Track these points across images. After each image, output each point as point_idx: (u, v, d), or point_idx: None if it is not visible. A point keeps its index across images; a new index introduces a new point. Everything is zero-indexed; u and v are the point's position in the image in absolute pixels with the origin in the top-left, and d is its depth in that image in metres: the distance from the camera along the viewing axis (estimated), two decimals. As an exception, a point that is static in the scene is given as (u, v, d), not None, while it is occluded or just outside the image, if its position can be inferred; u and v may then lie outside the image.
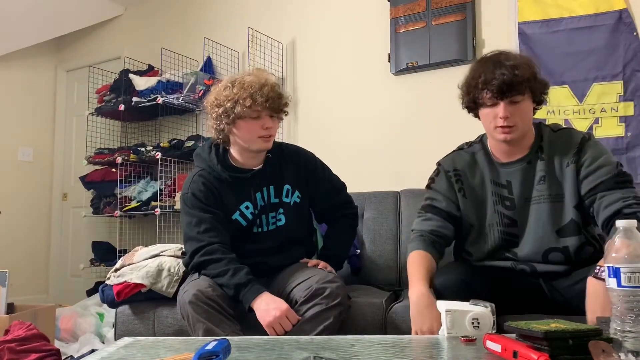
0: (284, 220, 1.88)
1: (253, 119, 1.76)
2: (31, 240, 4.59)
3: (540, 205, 1.56)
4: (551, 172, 1.57)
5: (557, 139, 1.59)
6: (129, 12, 4.62)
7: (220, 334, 1.58)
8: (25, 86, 4.65)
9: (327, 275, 1.72)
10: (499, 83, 1.48)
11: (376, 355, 1.02)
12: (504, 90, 1.49)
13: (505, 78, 1.48)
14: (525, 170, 1.59)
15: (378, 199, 2.49)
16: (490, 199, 1.62)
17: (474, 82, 1.55)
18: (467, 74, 1.61)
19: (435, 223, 1.65)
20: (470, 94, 1.57)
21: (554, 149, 1.58)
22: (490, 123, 1.55)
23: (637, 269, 0.94)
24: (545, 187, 1.56)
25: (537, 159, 1.59)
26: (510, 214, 1.60)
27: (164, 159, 3.61)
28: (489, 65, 1.52)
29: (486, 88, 1.51)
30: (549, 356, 0.87)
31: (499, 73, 1.49)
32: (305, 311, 1.64)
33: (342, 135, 3.38)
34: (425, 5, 3.13)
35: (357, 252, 2.36)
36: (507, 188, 1.61)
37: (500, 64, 1.51)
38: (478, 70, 1.55)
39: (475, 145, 1.71)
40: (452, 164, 1.69)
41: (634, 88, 2.65)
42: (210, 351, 0.94)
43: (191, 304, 1.61)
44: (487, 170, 1.64)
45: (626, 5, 2.69)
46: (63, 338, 2.99)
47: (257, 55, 3.58)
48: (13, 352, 1.89)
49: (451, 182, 1.67)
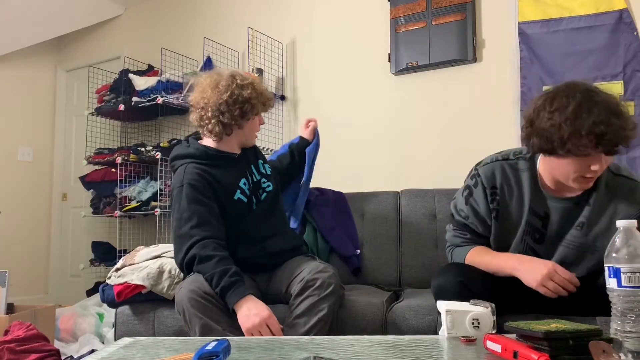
0: (271, 186, 1.97)
1: (256, 117, 1.94)
2: (31, 240, 4.59)
3: (568, 250, 1.47)
4: (595, 219, 1.43)
5: (618, 186, 1.44)
6: (129, 12, 4.62)
7: (217, 329, 1.58)
8: (25, 86, 4.65)
9: (317, 266, 1.73)
10: (614, 139, 1.26)
11: (376, 355, 1.02)
12: (617, 145, 1.28)
13: (623, 134, 1.27)
14: (569, 210, 1.46)
15: (378, 199, 2.49)
16: (521, 227, 1.51)
17: (577, 129, 1.27)
18: (560, 110, 1.31)
19: (473, 243, 1.60)
20: (569, 139, 1.28)
21: (610, 197, 1.43)
22: (574, 172, 1.34)
23: (637, 269, 0.94)
24: (580, 235, 1.45)
25: (586, 202, 1.44)
26: (536, 248, 1.51)
27: (164, 159, 3.60)
28: (601, 112, 1.26)
29: (598, 143, 1.26)
30: (549, 356, 0.87)
31: (617, 126, 1.26)
32: (299, 304, 1.65)
33: (342, 135, 3.38)
34: (425, 5, 3.13)
35: (357, 252, 2.36)
36: (543, 220, 1.49)
37: (612, 112, 1.28)
38: (582, 115, 1.27)
39: (522, 162, 1.51)
40: (492, 178, 1.53)
41: (634, 88, 2.65)
42: (210, 351, 0.94)
43: (188, 299, 1.61)
44: (528, 196, 1.49)
45: (626, 5, 2.68)
46: (63, 338, 2.99)
47: (257, 55, 3.58)
48: (13, 353, 1.89)
49: (487, 201, 1.54)
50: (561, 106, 1.31)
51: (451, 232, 1.66)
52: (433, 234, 2.35)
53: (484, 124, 2.97)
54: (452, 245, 1.65)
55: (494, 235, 1.56)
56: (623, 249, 0.97)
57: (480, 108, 3.00)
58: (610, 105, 1.29)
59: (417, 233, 2.37)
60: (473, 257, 1.56)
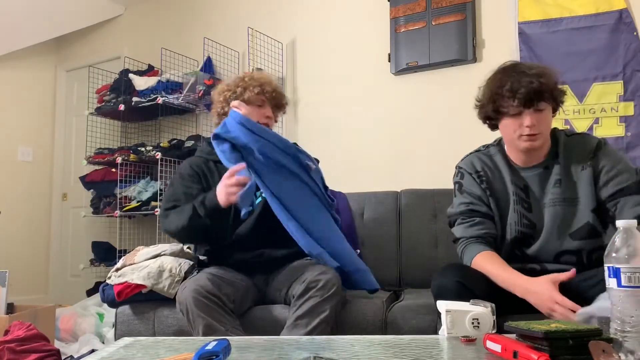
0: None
1: (258, 107, 1.94)
2: (31, 240, 4.59)
3: (555, 208, 1.58)
4: (566, 175, 1.59)
5: (572, 143, 1.61)
6: (129, 12, 4.61)
7: (220, 329, 1.58)
8: (25, 86, 4.65)
9: (320, 268, 1.73)
10: (526, 91, 1.48)
11: (376, 355, 1.02)
12: (532, 99, 1.49)
13: (534, 86, 1.48)
14: (542, 175, 1.61)
15: (378, 199, 2.49)
16: (512, 199, 1.63)
17: (498, 90, 1.53)
18: (489, 83, 1.59)
19: (484, 226, 1.63)
20: (496, 102, 1.55)
21: (569, 154, 1.60)
22: (514, 132, 1.55)
23: (637, 269, 0.94)
24: (560, 191, 1.58)
25: (554, 163, 1.60)
26: (529, 216, 1.61)
27: (164, 159, 3.61)
28: (513, 74, 1.52)
29: (513, 97, 1.50)
30: (549, 356, 0.87)
31: (526, 81, 1.48)
32: (301, 305, 1.64)
33: (342, 135, 3.38)
34: (425, 5, 3.13)
35: (357, 252, 2.36)
36: (525, 192, 1.63)
37: (525, 73, 1.50)
38: (502, 80, 1.53)
39: (492, 148, 1.71)
40: (472, 166, 1.69)
41: (634, 88, 2.65)
42: (210, 351, 0.94)
43: (192, 299, 1.61)
44: (507, 172, 1.65)
45: (626, 5, 2.69)
46: (63, 338, 2.99)
47: (257, 55, 3.58)
48: (13, 353, 1.89)
49: (478, 183, 1.67)
50: (488, 78, 1.61)
51: (458, 227, 1.66)
52: (433, 234, 2.35)
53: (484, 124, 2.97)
54: (464, 237, 1.64)
55: (494, 212, 1.64)
56: (623, 249, 0.96)
57: (480, 108, 3.00)
58: (523, 69, 1.53)
59: (417, 233, 2.38)
60: (482, 258, 1.56)
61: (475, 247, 1.59)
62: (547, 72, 1.53)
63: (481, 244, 1.59)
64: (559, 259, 1.57)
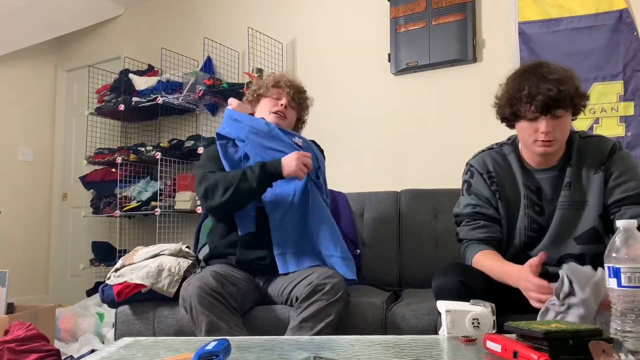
0: None
1: (274, 99, 2.02)
2: (31, 240, 4.59)
3: (563, 211, 1.57)
4: (577, 178, 1.57)
5: (586, 146, 1.59)
6: (129, 12, 4.61)
7: (224, 327, 1.58)
8: (25, 86, 4.65)
9: (326, 271, 1.72)
10: (544, 99, 1.45)
11: (376, 355, 1.02)
12: (549, 106, 1.46)
13: (551, 94, 1.44)
14: (556, 178, 1.59)
15: (378, 199, 2.49)
16: (522, 202, 1.61)
17: (516, 95, 1.50)
18: (508, 84, 1.56)
19: (488, 230, 1.62)
20: (513, 106, 1.52)
21: (582, 156, 1.58)
22: (529, 136, 1.53)
23: (637, 269, 0.94)
24: (569, 194, 1.57)
25: (567, 166, 1.59)
26: (539, 220, 1.60)
27: (164, 159, 3.61)
28: (532, 79, 1.48)
29: (530, 102, 1.47)
30: (549, 356, 0.87)
31: (545, 88, 1.45)
32: (306, 307, 1.64)
33: (342, 135, 3.38)
34: (425, 5, 3.13)
35: (357, 252, 2.36)
36: (537, 194, 1.61)
37: (545, 78, 1.47)
38: (521, 83, 1.50)
39: (506, 147, 1.68)
40: (484, 165, 1.66)
41: (634, 88, 2.65)
42: (210, 351, 0.94)
43: (196, 296, 1.61)
44: (519, 174, 1.63)
45: (626, 5, 2.69)
46: (63, 338, 2.99)
47: (257, 55, 3.58)
48: (13, 353, 1.89)
49: (487, 185, 1.65)
50: (509, 78, 1.58)
51: (463, 228, 1.66)
52: (433, 234, 2.35)
53: (484, 124, 2.96)
54: (466, 239, 1.65)
55: (502, 215, 1.63)
56: (623, 249, 0.97)
57: (480, 108, 3.00)
58: (544, 72, 1.48)
59: (417, 233, 2.37)
60: (481, 257, 1.57)
61: (476, 247, 1.60)
62: (569, 77, 1.49)
63: (483, 243, 1.60)
64: (562, 263, 1.55)
